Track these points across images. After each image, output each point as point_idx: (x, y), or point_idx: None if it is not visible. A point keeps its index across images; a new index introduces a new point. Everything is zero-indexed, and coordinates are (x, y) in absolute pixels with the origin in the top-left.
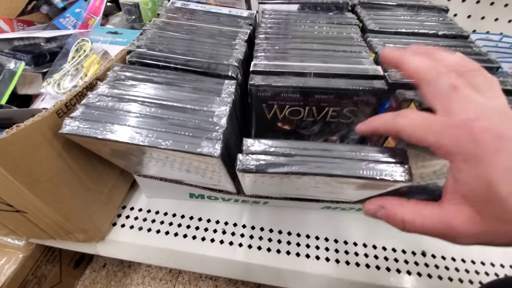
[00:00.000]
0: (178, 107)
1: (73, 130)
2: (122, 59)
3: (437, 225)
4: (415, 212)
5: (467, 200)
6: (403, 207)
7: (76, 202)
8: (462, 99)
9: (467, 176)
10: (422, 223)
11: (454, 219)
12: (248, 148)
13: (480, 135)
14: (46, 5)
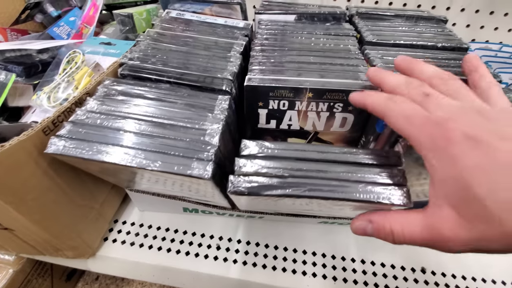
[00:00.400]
0: (169, 125)
1: (58, 150)
2: (114, 72)
3: (425, 234)
4: (403, 223)
5: (449, 202)
6: (390, 219)
7: (64, 220)
8: (436, 102)
9: (443, 175)
10: (411, 233)
11: (441, 224)
12: (240, 169)
13: (453, 134)
14: (40, 14)
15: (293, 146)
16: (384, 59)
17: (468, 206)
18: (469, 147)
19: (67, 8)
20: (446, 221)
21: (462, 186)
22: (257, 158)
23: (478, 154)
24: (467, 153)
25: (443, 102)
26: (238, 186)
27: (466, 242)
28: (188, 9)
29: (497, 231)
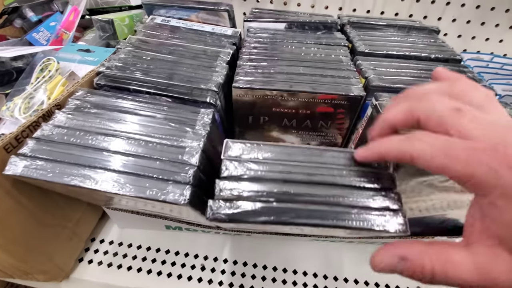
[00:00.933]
0: (145, 142)
1: (17, 172)
2: (90, 82)
3: (473, 276)
4: (446, 260)
5: (505, 243)
6: (431, 255)
7: (32, 243)
8: (472, 121)
9: (506, 214)
10: (457, 273)
11: (493, 268)
12: (220, 193)
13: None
14: (19, 19)
15: (279, 167)
16: (376, 71)
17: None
18: None
19: (48, 13)
20: (501, 266)
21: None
22: (239, 180)
23: None
24: None
25: (483, 118)
26: (218, 212)
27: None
28: (174, 15)
29: None
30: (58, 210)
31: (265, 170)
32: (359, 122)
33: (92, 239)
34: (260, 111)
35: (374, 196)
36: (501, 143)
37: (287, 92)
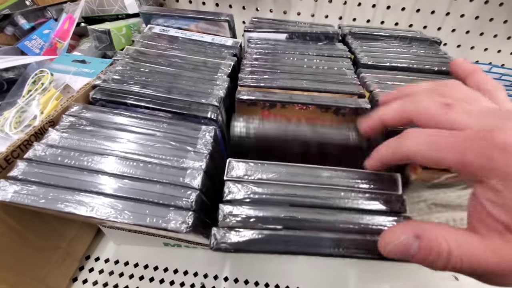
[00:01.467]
0: (144, 163)
1: (6, 198)
2: (85, 96)
3: (490, 259)
4: (461, 242)
5: (511, 227)
6: (446, 235)
7: (22, 267)
8: (461, 113)
9: (507, 198)
10: (472, 255)
11: (506, 254)
12: (225, 220)
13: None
14: (11, 26)
15: (284, 190)
16: (381, 84)
17: None
18: None
19: (41, 20)
20: (510, 250)
21: None
22: (243, 204)
23: None
24: None
25: (471, 108)
26: (222, 242)
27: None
28: (173, 24)
29: None
30: (51, 231)
31: (270, 193)
32: None
33: (87, 257)
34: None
35: (385, 221)
36: (490, 128)
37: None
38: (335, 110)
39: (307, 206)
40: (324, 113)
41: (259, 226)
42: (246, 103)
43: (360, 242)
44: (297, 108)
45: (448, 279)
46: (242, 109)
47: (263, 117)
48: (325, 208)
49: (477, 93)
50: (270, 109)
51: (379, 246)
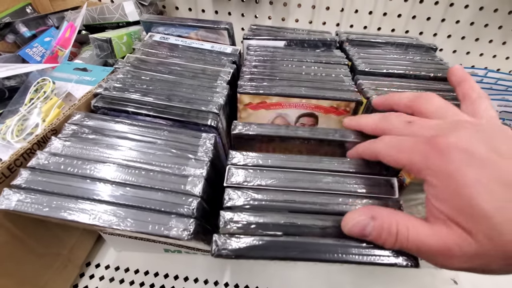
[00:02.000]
0: (146, 171)
1: (10, 206)
2: (87, 104)
3: (432, 241)
4: (409, 225)
5: (454, 218)
6: (397, 218)
7: (24, 275)
8: (420, 127)
9: (444, 192)
10: (417, 236)
11: (447, 238)
12: (226, 227)
13: (447, 150)
14: (12, 34)
15: (284, 196)
16: (378, 90)
17: (474, 222)
18: (465, 161)
19: (43, 28)
20: (451, 235)
21: (467, 201)
22: (243, 210)
23: (477, 169)
24: (465, 168)
25: (427, 124)
26: (223, 248)
27: (469, 259)
28: (173, 32)
29: (500, 250)
30: (52, 238)
31: (269, 199)
32: None
33: (87, 263)
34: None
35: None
36: (437, 135)
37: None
38: (339, 144)
39: (306, 212)
40: (326, 146)
41: (259, 232)
42: (244, 138)
43: (357, 247)
44: (297, 142)
45: (448, 283)
46: (240, 143)
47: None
48: (324, 214)
49: (448, 106)
50: (269, 143)
51: (342, 226)
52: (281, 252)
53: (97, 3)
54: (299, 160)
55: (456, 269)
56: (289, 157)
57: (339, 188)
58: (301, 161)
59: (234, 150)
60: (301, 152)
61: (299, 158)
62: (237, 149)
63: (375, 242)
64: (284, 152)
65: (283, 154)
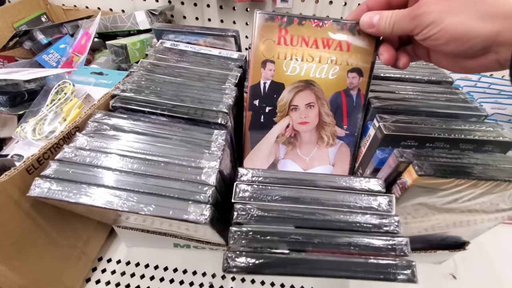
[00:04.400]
0: (164, 163)
1: (42, 193)
2: (106, 104)
3: (406, 13)
4: (395, 12)
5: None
6: (389, 12)
7: (44, 263)
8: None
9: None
10: (398, 15)
11: (420, 2)
12: (235, 243)
13: None
14: (29, 41)
15: (291, 213)
16: (376, 93)
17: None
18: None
19: (58, 36)
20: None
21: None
22: (252, 225)
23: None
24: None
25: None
26: (235, 266)
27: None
28: (183, 39)
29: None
30: (70, 230)
31: (277, 215)
32: (362, 141)
33: (100, 258)
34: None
35: (381, 243)
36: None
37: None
38: (350, 27)
39: (312, 227)
40: (340, 30)
41: (268, 251)
42: (265, 18)
43: (362, 264)
44: (313, 25)
45: (447, 277)
46: (261, 26)
47: (280, 36)
48: (328, 230)
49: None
50: (287, 26)
51: (360, 25)
52: (289, 269)
53: (110, 13)
54: (303, 178)
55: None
56: (294, 174)
57: (340, 203)
58: (306, 179)
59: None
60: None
61: (303, 176)
62: (259, 32)
63: (378, 30)
64: None
65: (289, 172)
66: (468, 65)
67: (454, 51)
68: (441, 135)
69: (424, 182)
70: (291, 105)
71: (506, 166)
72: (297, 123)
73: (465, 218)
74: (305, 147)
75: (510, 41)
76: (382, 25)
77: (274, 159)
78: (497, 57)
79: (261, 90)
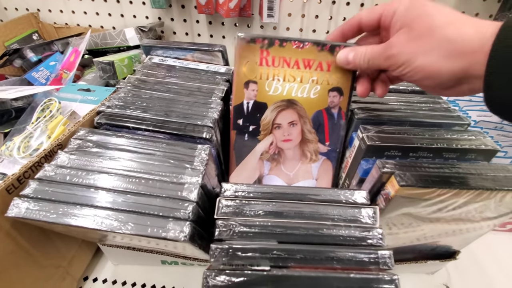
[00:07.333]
0: (144, 180)
1: (20, 213)
2: (91, 121)
3: (381, 50)
4: (370, 48)
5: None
6: (364, 48)
7: (26, 285)
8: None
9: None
10: (372, 50)
11: (391, 42)
12: (216, 261)
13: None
14: (20, 59)
15: (273, 228)
16: (359, 104)
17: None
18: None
19: (48, 53)
20: (398, 38)
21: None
22: (233, 243)
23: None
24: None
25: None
26: (214, 285)
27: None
28: (171, 55)
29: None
30: (53, 249)
31: (259, 231)
32: (347, 151)
33: (85, 277)
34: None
35: (365, 255)
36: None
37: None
38: (330, 47)
39: (295, 242)
40: (320, 51)
41: (249, 268)
42: (246, 40)
43: (344, 280)
44: (294, 46)
45: (440, 287)
46: (243, 48)
47: (261, 57)
48: (311, 244)
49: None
50: (269, 48)
51: (337, 62)
52: (269, 286)
53: (100, 30)
54: (287, 192)
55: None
56: (278, 188)
57: (323, 217)
58: (289, 192)
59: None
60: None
61: (287, 189)
62: (240, 53)
63: (354, 65)
64: None
65: (272, 186)
66: (445, 93)
67: (430, 86)
68: (424, 145)
69: (407, 192)
70: (274, 123)
71: (489, 174)
72: (280, 141)
73: (452, 228)
74: (289, 163)
75: (479, 74)
76: (357, 61)
77: (259, 175)
78: (471, 86)
79: (245, 110)
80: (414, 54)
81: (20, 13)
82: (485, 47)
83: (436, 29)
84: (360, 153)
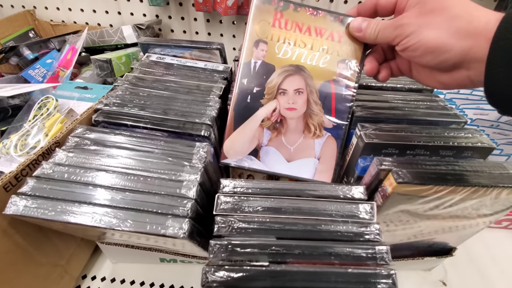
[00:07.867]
0: (143, 178)
1: (18, 211)
2: (88, 119)
3: (390, 24)
4: (380, 22)
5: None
6: (376, 21)
7: (23, 283)
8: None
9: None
10: (383, 25)
11: (403, 16)
12: (215, 257)
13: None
14: (16, 57)
15: (271, 224)
16: (358, 102)
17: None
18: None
19: (45, 51)
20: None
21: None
22: (232, 239)
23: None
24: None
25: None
26: (213, 280)
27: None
28: (169, 53)
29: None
30: (51, 247)
31: (258, 227)
32: (346, 150)
33: (84, 276)
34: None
35: (361, 252)
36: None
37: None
38: (342, 19)
39: (293, 238)
40: (332, 22)
41: (247, 263)
42: (262, 0)
43: (342, 274)
44: (308, 13)
45: (437, 284)
46: (258, 7)
47: (275, 19)
48: (309, 240)
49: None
50: (283, 10)
51: (349, 28)
52: (268, 281)
53: (97, 27)
54: (286, 187)
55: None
56: (277, 184)
57: (321, 213)
58: (288, 188)
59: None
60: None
61: (285, 185)
62: (256, 14)
63: (365, 35)
64: None
65: (271, 182)
66: (443, 80)
67: (429, 64)
68: (421, 142)
69: (404, 189)
70: (280, 88)
71: (485, 171)
72: (284, 108)
73: (449, 224)
74: (291, 135)
75: (480, 57)
76: (368, 31)
77: (257, 145)
78: (469, 73)
79: (251, 69)
80: (422, 26)
81: (16, 10)
82: (489, 33)
83: (447, 7)
84: (358, 150)
